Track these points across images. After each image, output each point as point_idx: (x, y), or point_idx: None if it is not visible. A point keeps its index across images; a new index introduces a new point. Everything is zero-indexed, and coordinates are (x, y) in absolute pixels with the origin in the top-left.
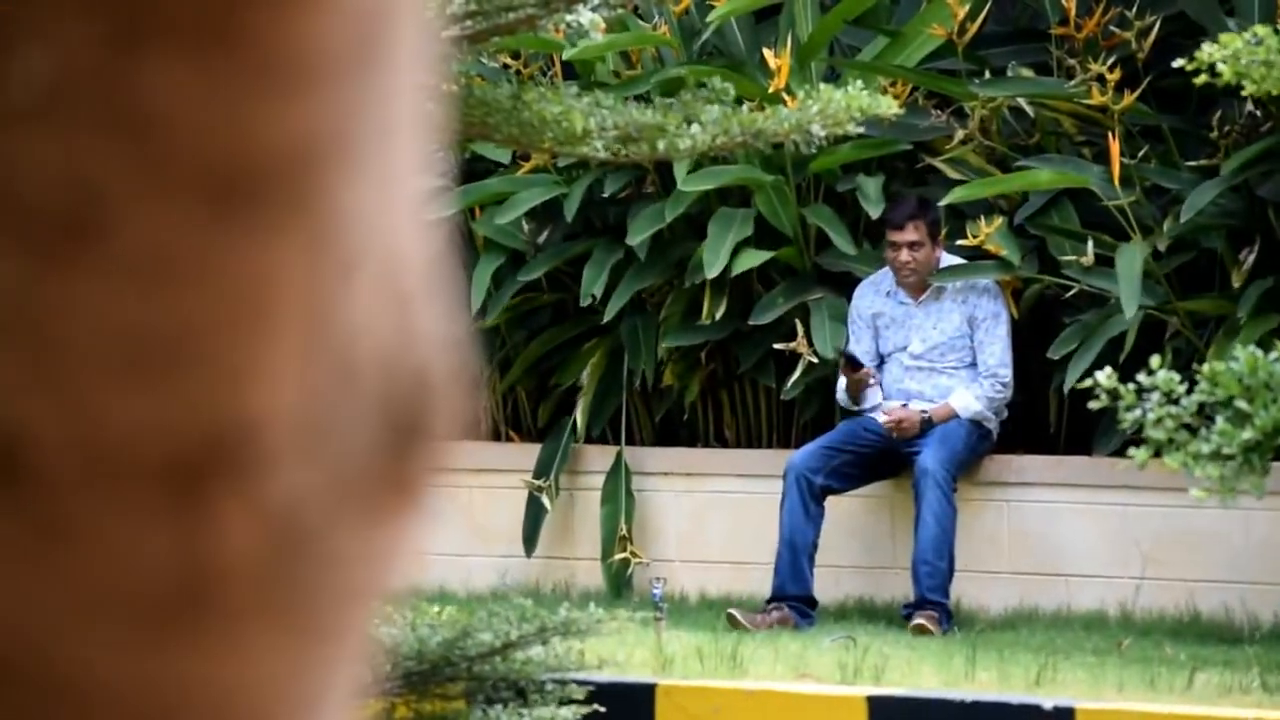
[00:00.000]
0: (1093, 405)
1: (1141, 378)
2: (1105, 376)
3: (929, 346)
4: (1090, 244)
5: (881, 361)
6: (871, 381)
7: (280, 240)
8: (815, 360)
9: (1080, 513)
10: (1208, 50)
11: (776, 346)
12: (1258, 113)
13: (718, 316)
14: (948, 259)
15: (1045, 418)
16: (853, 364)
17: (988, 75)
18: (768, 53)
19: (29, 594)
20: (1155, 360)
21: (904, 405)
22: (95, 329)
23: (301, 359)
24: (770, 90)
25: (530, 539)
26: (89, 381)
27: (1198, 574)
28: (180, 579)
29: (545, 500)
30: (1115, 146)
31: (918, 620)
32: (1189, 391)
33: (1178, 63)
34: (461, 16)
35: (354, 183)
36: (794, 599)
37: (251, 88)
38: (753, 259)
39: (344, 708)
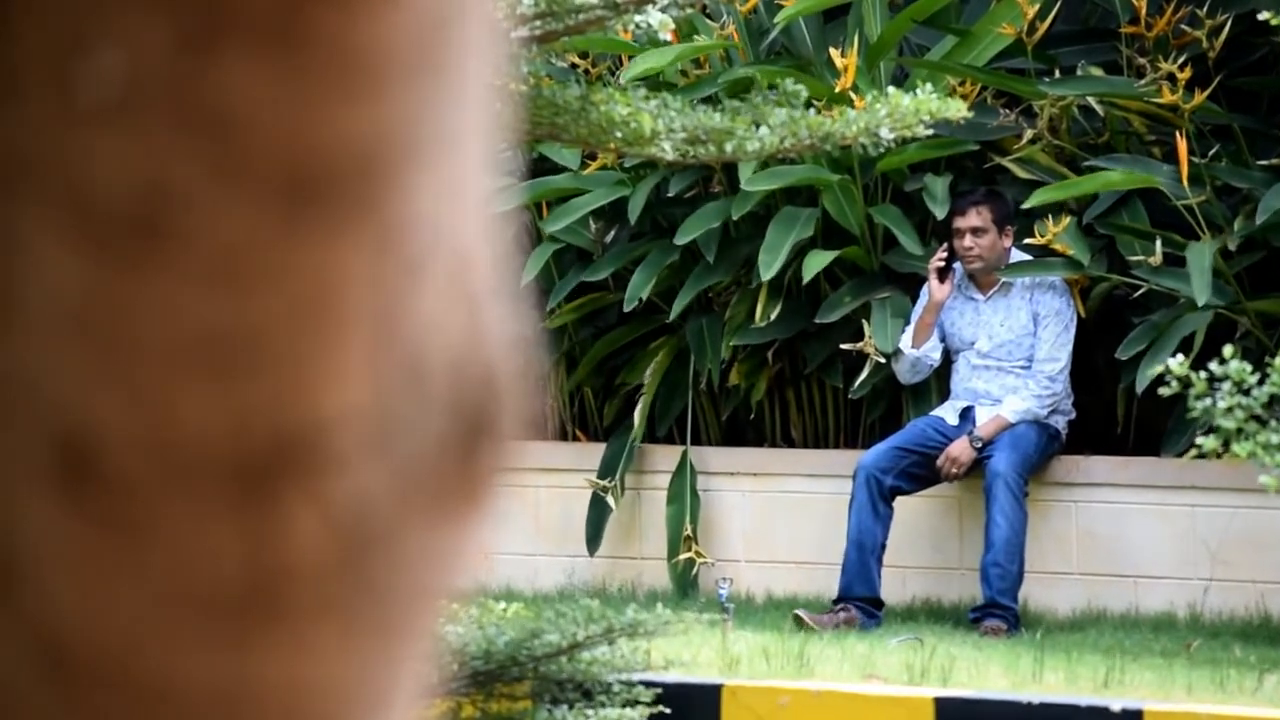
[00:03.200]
0: (1163, 392)
1: (1214, 366)
2: (1177, 364)
3: (996, 344)
4: (1159, 243)
5: (949, 360)
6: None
7: (349, 241)
8: (883, 360)
9: (1148, 514)
10: None
11: (844, 347)
12: None
13: (773, 317)
14: (1017, 256)
15: (1113, 419)
16: (942, 272)
17: (1057, 74)
18: (835, 52)
19: (101, 594)
20: (1229, 350)
21: (966, 410)
22: (167, 329)
23: (370, 359)
24: (837, 90)
25: (593, 539)
26: (160, 382)
27: (1267, 575)
28: (249, 579)
29: (610, 500)
30: (1184, 146)
31: (987, 627)
32: (1260, 383)
33: (1263, 15)
34: (530, 17)
35: (423, 183)
36: (861, 599)
37: (322, 88)
38: (820, 260)
39: (411, 707)
